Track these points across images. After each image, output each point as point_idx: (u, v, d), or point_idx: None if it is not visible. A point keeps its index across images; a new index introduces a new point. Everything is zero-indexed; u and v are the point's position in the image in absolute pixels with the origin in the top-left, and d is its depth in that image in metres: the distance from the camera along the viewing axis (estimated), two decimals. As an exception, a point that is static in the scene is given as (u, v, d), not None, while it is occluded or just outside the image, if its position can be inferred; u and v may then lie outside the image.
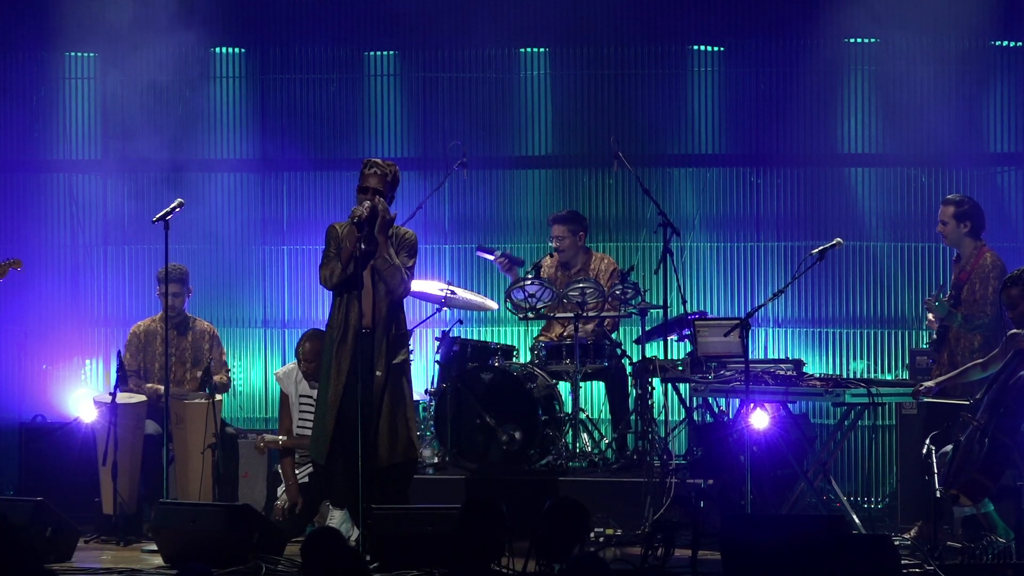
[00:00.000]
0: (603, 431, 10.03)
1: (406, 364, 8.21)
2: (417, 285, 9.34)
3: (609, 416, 10.06)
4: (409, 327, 8.47)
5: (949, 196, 9.11)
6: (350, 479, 7.92)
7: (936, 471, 7.86)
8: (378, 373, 8.02)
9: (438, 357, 9.84)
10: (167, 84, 10.93)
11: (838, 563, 6.67)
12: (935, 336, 9.03)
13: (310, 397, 8.95)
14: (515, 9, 10.80)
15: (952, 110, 10.62)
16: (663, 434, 9.44)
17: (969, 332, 8.76)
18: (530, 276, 9.74)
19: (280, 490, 9.11)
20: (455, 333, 10.04)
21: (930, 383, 8.41)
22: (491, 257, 10.29)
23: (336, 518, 8.57)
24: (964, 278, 8.86)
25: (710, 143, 10.89)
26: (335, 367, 8.02)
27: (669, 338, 9.74)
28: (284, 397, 9.25)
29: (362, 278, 7.98)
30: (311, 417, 8.66)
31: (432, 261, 10.79)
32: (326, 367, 8.12)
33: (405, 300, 8.33)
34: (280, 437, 9.10)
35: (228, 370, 9.82)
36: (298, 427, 9.11)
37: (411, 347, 8.58)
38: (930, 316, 9.08)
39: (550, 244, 10.12)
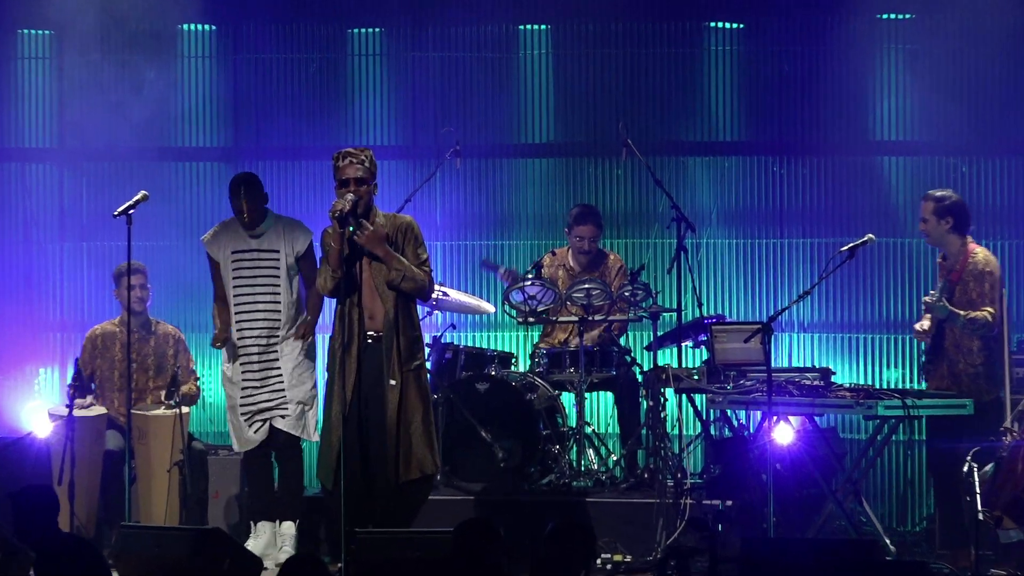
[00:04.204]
0: (611, 447, 10.04)
1: (421, 369, 8.23)
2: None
3: (617, 430, 10.06)
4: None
5: (931, 191, 9.15)
6: (356, 501, 7.90)
7: (978, 491, 7.86)
8: (392, 383, 8.03)
9: (429, 365, 9.83)
10: (130, 65, 10.93)
11: (870, 592, 6.68)
12: (926, 347, 9.07)
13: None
14: (514, -18, 10.86)
15: (995, 93, 10.64)
16: (677, 450, 9.43)
17: (970, 334, 8.79)
18: (530, 276, 9.74)
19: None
20: (447, 339, 10.05)
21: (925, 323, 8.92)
22: (495, 273, 10.33)
23: (262, 539, 8.62)
24: (955, 279, 8.90)
25: (728, 129, 10.91)
26: (339, 380, 8.03)
27: (683, 344, 9.74)
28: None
29: (359, 279, 7.99)
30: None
31: (425, 258, 10.80)
32: (330, 380, 8.14)
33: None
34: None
35: (197, 378, 9.81)
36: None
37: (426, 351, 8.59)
38: (918, 327, 9.10)
39: (577, 242, 10.09)
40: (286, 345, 8.90)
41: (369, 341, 8.07)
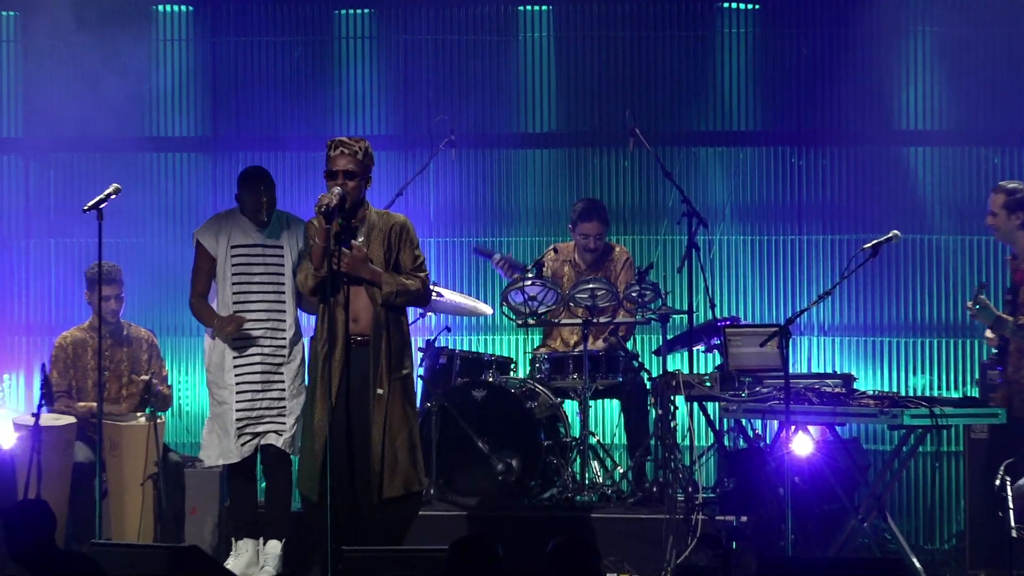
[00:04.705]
0: (617, 459, 10.05)
1: (409, 379, 8.18)
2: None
3: (624, 441, 10.07)
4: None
5: (1002, 182, 9.12)
6: (337, 517, 7.86)
7: (1012, 506, 7.83)
8: (380, 391, 7.98)
9: (421, 371, 9.82)
10: (101, 48, 10.90)
11: (896, 614, 6.66)
12: (996, 351, 9.05)
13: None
14: (513, -41, 10.86)
15: (1031, 79, 10.64)
16: (688, 462, 9.41)
17: (1021, 341, 8.77)
18: (530, 275, 9.71)
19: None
20: (441, 343, 10.02)
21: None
22: (488, 260, 10.28)
23: (243, 558, 8.57)
24: (1020, 279, 8.87)
25: (743, 118, 10.91)
26: (322, 385, 7.98)
27: (695, 349, 9.74)
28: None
29: (344, 279, 7.94)
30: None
31: (419, 256, 10.78)
32: (312, 386, 8.09)
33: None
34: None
35: (169, 386, 9.77)
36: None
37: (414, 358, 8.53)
38: (989, 332, 9.09)
39: (582, 240, 10.05)
40: (296, 350, 8.78)
41: (353, 345, 8.00)
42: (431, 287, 9.79)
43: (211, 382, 8.88)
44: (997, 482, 7.98)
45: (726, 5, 10.89)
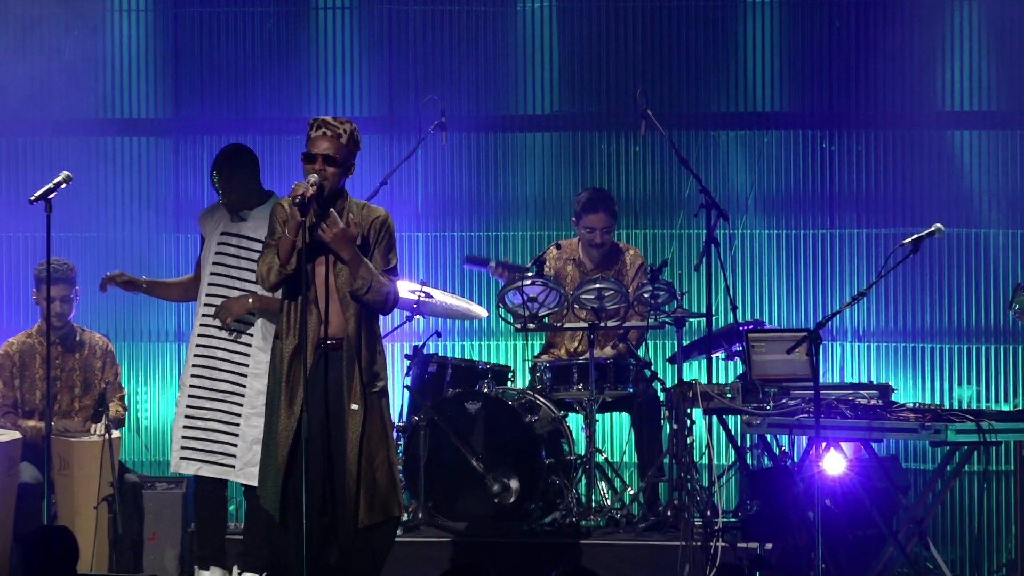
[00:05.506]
0: (627, 479, 10.04)
1: (384, 394, 8.11)
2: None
3: (635, 459, 10.08)
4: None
5: None
6: (304, 542, 7.80)
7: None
8: (354, 407, 7.91)
9: (408, 381, 9.82)
10: (48, 21, 10.92)
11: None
12: None
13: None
14: (511, -78, 10.87)
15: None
16: (706, 483, 9.39)
17: None
18: (530, 274, 9.69)
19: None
20: (431, 349, 10.01)
21: None
22: (485, 270, 10.26)
23: None
24: None
25: (769, 98, 10.93)
26: (286, 393, 7.91)
27: (714, 356, 9.72)
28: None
29: (314, 274, 7.88)
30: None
31: (401, 254, 10.67)
32: (274, 392, 8.02)
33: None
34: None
35: (123, 395, 9.74)
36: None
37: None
38: None
39: (587, 234, 10.05)
40: (259, 357, 8.69)
41: (324, 348, 7.92)
42: (419, 285, 9.84)
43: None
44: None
45: (750, -26, 10.93)
